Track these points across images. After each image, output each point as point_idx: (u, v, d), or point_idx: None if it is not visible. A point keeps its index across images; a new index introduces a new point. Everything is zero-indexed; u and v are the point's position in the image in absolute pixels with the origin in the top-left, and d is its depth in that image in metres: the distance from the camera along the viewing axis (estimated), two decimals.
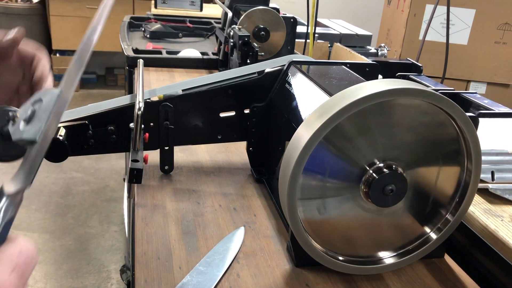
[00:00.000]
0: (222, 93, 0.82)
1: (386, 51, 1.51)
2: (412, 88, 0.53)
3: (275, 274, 0.61)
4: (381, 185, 0.55)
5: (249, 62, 1.13)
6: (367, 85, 0.53)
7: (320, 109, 0.54)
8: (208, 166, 0.88)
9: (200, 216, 0.72)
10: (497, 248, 0.60)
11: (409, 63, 0.95)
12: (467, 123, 0.56)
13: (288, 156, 0.54)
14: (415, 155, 0.57)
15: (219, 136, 0.85)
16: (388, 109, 0.54)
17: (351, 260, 0.61)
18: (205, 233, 0.68)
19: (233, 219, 0.72)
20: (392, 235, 0.62)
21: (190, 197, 0.77)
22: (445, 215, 0.62)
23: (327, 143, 0.54)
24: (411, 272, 0.63)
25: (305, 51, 1.42)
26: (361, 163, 0.56)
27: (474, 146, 0.57)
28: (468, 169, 0.59)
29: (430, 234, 0.63)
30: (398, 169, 0.56)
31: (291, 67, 0.80)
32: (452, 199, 0.61)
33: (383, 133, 0.55)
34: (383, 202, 0.57)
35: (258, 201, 0.78)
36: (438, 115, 0.56)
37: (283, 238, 0.68)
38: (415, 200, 0.60)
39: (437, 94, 0.53)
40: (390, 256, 0.62)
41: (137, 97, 0.71)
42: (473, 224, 0.64)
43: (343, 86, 0.55)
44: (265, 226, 0.71)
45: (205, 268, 0.60)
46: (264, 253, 0.65)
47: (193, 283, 0.57)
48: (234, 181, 0.84)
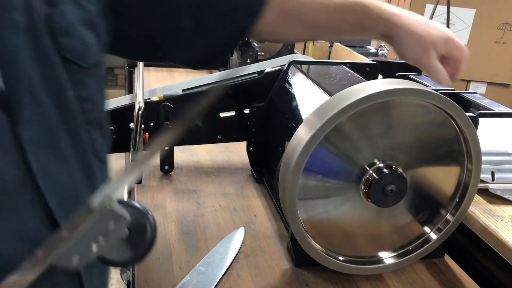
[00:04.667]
0: (222, 93, 0.82)
1: (386, 51, 1.51)
2: (412, 88, 0.53)
3: (275, 274, 0.61)
4: (381, 185, 0.55)
5: (249, 62, 1.13)
6: (367, 85, 0.53)
7: (320, 109, 0.54)
8: (208, 166, 0.88)
9: (200, 216, 0.72)
10: (497, 248, 0.60)
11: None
12: (467, 123, 0.56)
13: (288, 156, 0.54)
14: (415, 155, 0.57)
15: (219, 136, 0.85)
16: (388, 109, 0.54)
17: (351, 260, 0.61)
18: (205, 233, 0.68)
19: (233, 219, 0.72)
20: (392, 235, 0.62)
21: (190, 197, 0.77)
22: (445, 215, 0.62)
23: (327, 143, 0.54)
24: (411, 272, 0.63)
25: (305, 51, 1.42)
26: (361, 163, 0.56)
27: (474, 146, 0.57)
28: (468, 169, 0.59)
29: (430, 234, 0.63)
30: (398, 169, 0.56)
31: (291, 67, 0.80)
32: (452, 199, 0.61)
33: (383, 133, 0.55)
34: (383, 202, 0.57)
35: (258, 201, 0.78)
36: (438, 115, 0.56)
37: (283, 238, 0.68)
38: (415, 200, 0.60)
39: (437, 94, 0.53)
40: (390, 256, 0.62)
41: (137, 97, 0.71)
42: (473, 224, 0.64)
43: (343, 86, 0.55)
44: (265, 226, 0.71)
45: (205, 268, 0.60)
46: (264, 253, 0.65)
47: (193, 283, 0.57)
48: (234, 181, 0.84)
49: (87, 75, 0.44)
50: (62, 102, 0.40)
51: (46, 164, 0.38)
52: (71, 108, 0.41)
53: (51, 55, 0.40)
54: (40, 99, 0.38)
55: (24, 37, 0.37)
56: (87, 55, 0.44)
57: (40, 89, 0.38)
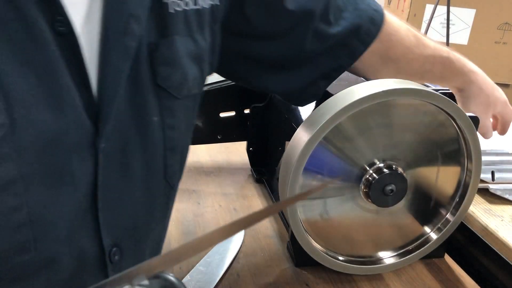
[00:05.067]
0: (222, 93, 0.81)
1: None
2: (412, 88, 0.53)
3: (275, 274, 0.61)
4: (381, 185, 0.55)
5: None
6: (367, 85, 0.53)
7: (320, 109, 0.54)
8: (208, 166, 0.88)
9: (200, 216, 0.72)
10: (497, 248, 0.60)
11: None
12: (467, 123, 0.56)
13: (288, 156, 0.54)
14: (415, 155, 0.57)
15: (219, 136, 0.85)
16: (388, 109, 0.54)
17: (351, 260, 0.61)
18: None
19: (233, 219, 0.72)
20: (392, 235, 0.62)
21: (190, 197, 0.77)
22: (445, 215, 0.62)
23: (327, 143, 0.54)
24: (411, 272, 0.63)
25: None
26: (361, 163, 0.56)
27: (474, 146, 0.57)
28: (468, 169, 0.59)
29: (430, 234, 0.63)
30: (398, 169, 0.56)
31: None
32: (452, 199, 0.61)
33: (383, 133, 0.55)
34: (383, 202, 0.57)
35: (258, 201, 0.78)
36: (438, 115, 0.56)
37: (283, 238, 0.68)
38: (415, 200, 0.60)
39: (437, 94, 0.53)
40: (390, 256, 0.62)
41: None
42: (473, 224, 0.64)
43: (343, 86, 0.55)
44: (265, 226, 0.71)
45: (205, 268, 0.60)
46: (264, 253, 0.65)
47: (193, 283, 0.57)
48: (234, 181, 0.84)
49: (178, 104, 0.45)
50: (144, 125, 0.42)
51: (111, 177, 0.40)
52: (152, 133, 0.43)
53: (144, 80, 0.41)
54: (123, 117, 0.39)
55: (130, 62, 0.38)
56: (183, 87, 0.45)
57: (125, 109, 0.40)
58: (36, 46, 0.32)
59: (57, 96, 0.34)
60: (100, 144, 0.37)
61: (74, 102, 0.35)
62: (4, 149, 0.32)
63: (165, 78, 0.43)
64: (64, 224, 0.37)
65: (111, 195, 0.40)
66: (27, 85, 0.32)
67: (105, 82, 0.37)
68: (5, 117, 0.31)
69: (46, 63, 0.33)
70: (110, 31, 0.37)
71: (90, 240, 0.40)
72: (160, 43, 0.42)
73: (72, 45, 0.34)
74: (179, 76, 0.44)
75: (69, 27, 0.34)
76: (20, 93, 0.32)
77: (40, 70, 0.33)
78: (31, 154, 0.33)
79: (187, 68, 0.45)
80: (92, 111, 0.37)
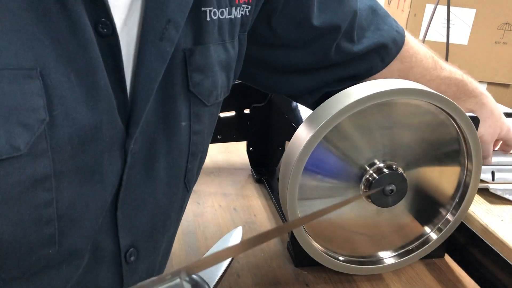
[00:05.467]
0: None
1: None
2: (412, 88, 0.53)
3: (275, 274, 0.61)
4: (381, 185, 0.55)
5: None
6: (367, 85, 0.53)
7: (320, 109, 0.54)
8: (208, 166, 0.88)
9: (200, 216, 0.72)
10: (497, 248, 0.59)
11: None
12: (467, 123, 0.56)
13: (288, 156, 0.54)
14: (415, 155, 0.57)
15: (219, 136, 0.85)
16: (388, 109, 0.54)
17: (351, 260, 0.61)
18: (205, 233, 0.68)
19: (233, 219, 0.72)
20: (392, 235, 0.62)
21: (190, 197, 0.77)
22: (445, 215, 0.62)
23: (327, 143, 0.54)
24: (411, 272, 0.63)
25: None
26: (361, 163, 0.56)
27: (474, 146, 0.57)
28: (468, 169, 0.59)
29: (430, 234, 0.63)
30: (398, 169, 0.56)
31: None
32: (452, 199, 0.61)
33: (383, 133, 0.55)
34: (383, 202, 0.57)
35: (258, 201, 0.78)
36: (438, 115, 0.56)
37: (283, 238, 0.68)
38: (415, 200, 0.60)
39: (437, 94, 0.53)
40: (390, 256, 0.62)
41: None
42: (473, 224, 0.64)
43: None
44: (265, 226, 0.71)
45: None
46: (264, 253, 0.65)
47: (193, 283, 0.57)
48: (234, 181, 0.83)
49: (205, 111, 0.46)
50: (172, 129, 0.42)
51: (135, 178, 0.40)
52: (179, 137, 0.43)
53: (177, 86, 0.42)
54: (152, 120, 0.40)
55: (165, 66, 0.39)
56: (213, 94, 0.46)
57: (156, 112, 0.40)
58: (79, 45, 0.33)
59: (95, 96, 0.34)
60: (129, 145, 0.38)
61: (110, 103, 0.36)
62: (42, 145, 0.32)
63: (197, 85, 0.43)
64: (89, 222, 0.38)
65: (132, 195, 0.40)
66: (68, 83, 0.33)
67: (139, 85, 0.38)
68: (46, 113, 0.32)
69: (87, 63, 0.33)
70: (148, 35, 0.37)
71: (108, 239, 0.40)
72: (195, 49, 0.42)
73: (113, 47, 0.35)
74: (210, 83, 0.45)
75: (111, 29, 0.34)
76: (61, 90, 0.32)
77: (82, 69, 0.33)
78: (66, 152, 0.34)
79: (217, 75, 0.45)
80: (125, 113, 0.37)
